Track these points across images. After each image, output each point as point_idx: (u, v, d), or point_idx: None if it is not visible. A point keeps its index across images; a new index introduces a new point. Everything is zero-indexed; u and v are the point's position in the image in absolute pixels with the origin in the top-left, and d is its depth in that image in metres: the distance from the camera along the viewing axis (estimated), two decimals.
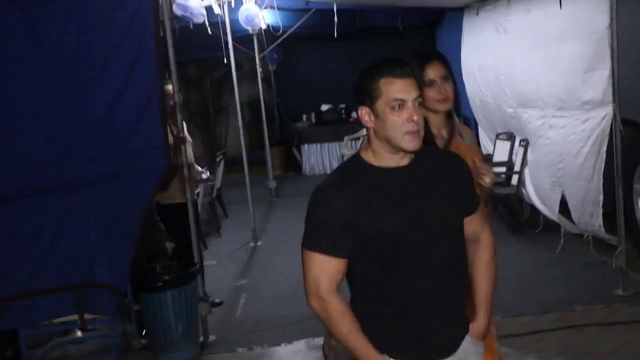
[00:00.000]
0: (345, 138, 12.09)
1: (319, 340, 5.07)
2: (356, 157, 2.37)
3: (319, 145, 12.82)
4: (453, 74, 2.94)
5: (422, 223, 2.26)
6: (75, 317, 4.73)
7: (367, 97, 2.25)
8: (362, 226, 2.20)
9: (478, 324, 2.46)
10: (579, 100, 5.83)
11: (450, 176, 2.39)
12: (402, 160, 2.30)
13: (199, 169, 6.63)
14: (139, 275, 4.93)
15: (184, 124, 5.58)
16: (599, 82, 5.43)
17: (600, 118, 5.49)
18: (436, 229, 2.29)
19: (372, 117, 2.26)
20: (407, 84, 2.21)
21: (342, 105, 13.10)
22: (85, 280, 4.65)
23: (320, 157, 12.84)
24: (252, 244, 8.10)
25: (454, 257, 2.37)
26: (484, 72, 8.20)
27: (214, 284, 6.04)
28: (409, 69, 2.24)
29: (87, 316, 4.75)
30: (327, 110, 13.08)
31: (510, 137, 7.78)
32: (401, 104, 2.20)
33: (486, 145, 8.78)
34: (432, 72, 2.85)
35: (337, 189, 2.26)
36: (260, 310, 5.92)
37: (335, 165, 12.67)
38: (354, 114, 13.10)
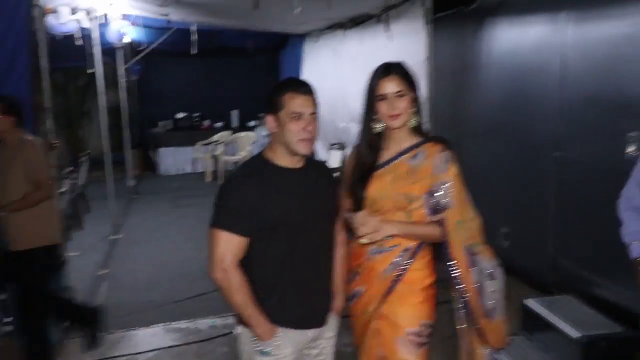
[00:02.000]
0: (198, 143, 12.01)
1: (175, 324, 5.01)
2: (260, 156, 2.46)
3: (173, 148, 12.57)
4: (415, 89, 2.56)
5: (312, 215, 2.40)
6: None
7: (274, 107, 2.35)
8: (265, 212, 2.29)
9: (338, 303, 2.62)
10: None
11: (328, 180, 2.59)
12: (297, 163, 2.44)
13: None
14: None
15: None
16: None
17: None
18: (321, 222, 2.46)
19: (276, 124, 2.36)
20: (306, 100, 2.33)
21: (196, 114, 12.91)
22: None
23: (174, 159, 12.60)
24: (113, 237, 7.77)
25: (330, 247, 2.55)
26: (321, 92, 8.29)
27: (77, 273, 5.73)
28: (310, 88, 2.36)
29: None
30: (182, 118, 12.84)
31: (342, 147, 8.01)
32: (299, 115, 2.31)
33: (321, 153, 8.99)
34: (386, 87, 2.50)
35: (247, 178, 2.35)
36: (120, 297, 5.68)
37: (188, 167, 12.50)
38: (205, 122, 12.98)
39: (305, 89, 2.34)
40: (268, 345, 2.39)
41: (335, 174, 5.15)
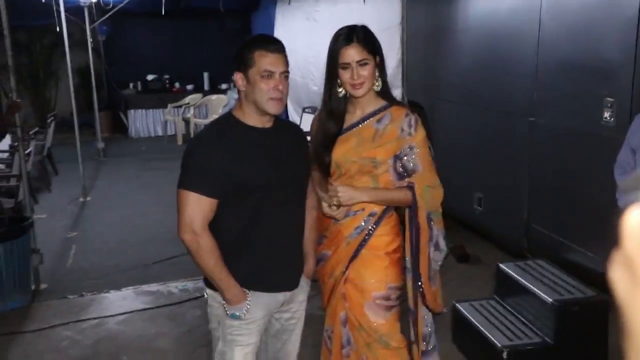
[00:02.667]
0: (169, 105, 11.82)
1: (146, 287, 4.93)
2: (229, 115, 2.41)
3: (144, 111, 12.37)
4: (379, 56, 2.51)
5: (284, 176, 2.37)
6: None
7: (243, 64, 2.28)
8: (236, 172, 2.26)
9: (309, 266, 2.59)
10: None
11: (299, 142, 2.55)
12: (267, 123, 2.38)
13: None
14: None
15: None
16: (389, 69, 5.64)
17: None
18: (291, 184, 2.42)
19: (245, 82, 2.30)
20: (277, 58, 2.27)
21: (167, 76, 12.75)
22: None
23: (145, 122, 12.42)
24: (81, 199, 7.64)
25: (301, 209, 2.52)
26: (294, 55, 8.15)
27: (45, 236, 5.60)
28: (281, 46, 2.30)
29: None
30: (152, 80, 12.65)
31: (315, 111, 7.90)
32: (270, 74, 2.26)
33: (293, 117, 8.88)
34: (348, 55, 2.45)
35: (216, 138, 2.31)
36: (90, 260, 5.59)
37: (159, 129, 12.31)
38: (176, 84, 12.76)
39: (276, 46, 2.29)
40: (238, 309, 2.35)
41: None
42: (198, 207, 2.25)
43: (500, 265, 3.95)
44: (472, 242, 5.46)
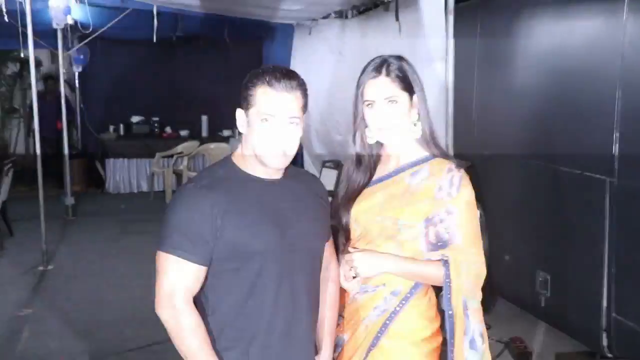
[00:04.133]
0: (157, 155, 11.92)
1: None
2: (227, 161, 2.41)
3: (126, 160, 12.47)
4: (417, 94, 2.52)
5: (292, 242, 2.32)
6: None
7: (244, 101, 2.30)
8: (230, 235, 2.22)
9: (324, 356, 2.54)
10: None
11: (316, 198, 2.51)
12: (275, 174, 2.37)
13: None
14: None
15: None
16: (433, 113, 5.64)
17: None
18: (303, 250, 2.37)
19: (245, 123, 2.32)
20: (284, 99, 2.24)
21: (156, 118, 12.88)
22: None
23: (127, 174, 12.49)
24: (41, 268, 7.61)
25: (315, 284, 2.46)
26: (314, 95, 8.26)
27: None
28: (295, 82, 2.26)
29: None
30: (137, 123, 12.82)
31: (338, 166, 7.91)
32: (271, 118, 2.25)
33: (311, 172, 8.87)
34: (373, 91, 2.48)
35: (207, 190, 2.27)
36: (47, 345, 5.52)
37: (143, 184, 12.37)
38: (167, 129, 12.87)
39: (286, 83, 2.25)
40: None
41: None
42: (180, 275, 2.22)
43: None
44: (534, 334, 5.34)
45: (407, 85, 2.50)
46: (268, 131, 2.25)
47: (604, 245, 4.66)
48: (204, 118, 12.96)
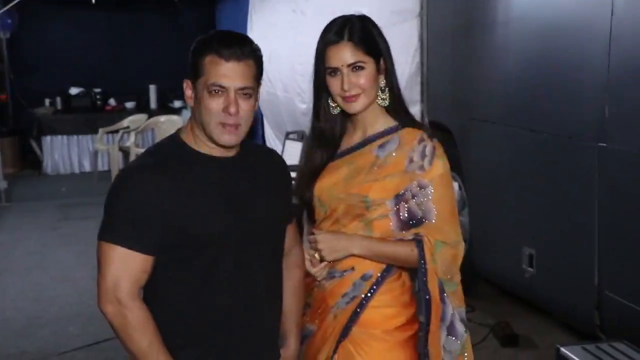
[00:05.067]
0: (100, 130, 11.86)
1: None
2: (175, 138, 2.40)
3: (65, 137, 12.49)
4: (384, 58, 2.54)
5: (249, 226, 2.33)
6: None
7: (191, 70, 2.30)
8: (180, 220, 2.22)
9: (290, 351, 2.57)
10: None
11: (276, 176, 2.51)
12: (228, 151, 2.36)
13: None
14: None
15: None
16: (402, 77, 5.66)
17: None
18: (262, 234, 2.37)
19: (193, 95, 2.32)
20: (235, 67, 2.23)
21: (98, 90, 12.81)
22: None
23: (68, 152, 12.51)
24: None
25: (276, 269, 2.47)
26: (275, 61, 8.28)
27: None
28: (247, 49, 2.26)
29: None
30: (77, 95, 12.73)
31: (303, 137, 7.92)
32: (220, 89, 2.24)
33: (273, 144, 8.89)
34: (336, 57, 2.47)
35: (152, 171, 2.26)
36: None
37: (86, 163, 12.31)
38: (111, 101, 12.78)
39: (236, 50, 2.24)
40: None
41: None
42: (125, 267, 2.21)
43: (562, 349, 3.90)
44: (520, 317, 5.44)
45: (374, 49, 2.51)
46: (217, 104, 2.24)
47: (594, 217, 4.70)
48: (152, 88, 12.90)
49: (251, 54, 2.27)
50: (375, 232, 2.51)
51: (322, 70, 2.53)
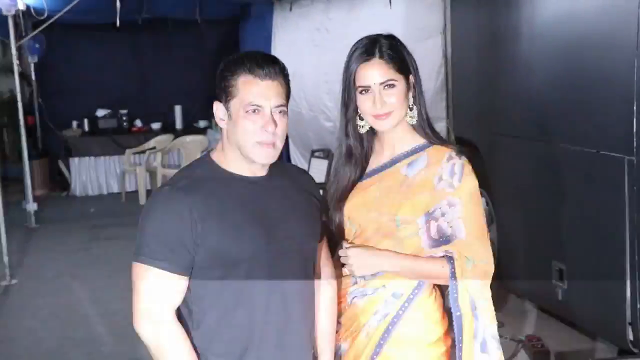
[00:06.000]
0: (127, 151, 11.87)
1: None
2: (206, 159, 2.43)
3: (93, 159, 12.46)
4: (413, 75, 2.56)
5: (281, 245, 2.34)
6: None
7: (223, 93, 2.32)
8: (213, 240, 2.24)
9: None
10: None
11: (305, 195, 2.52)
12: (259, 171, 2.39)
13: None
14: None
15: None
16: (427, 94, 5.66)
17: None
18: (294, 253, 2.39)
19: (225, 117, 2.34)
20: (269, 87, 2.28)
21: (124, 111, 12.80)
22: None
23: (95, 174, 12.47)
24: (3, 283, 7.60)
25: (309, 287, 2.48)
26: (299, 78, 8.29)
27: None
28: (277, 68, 2.30)
29: None
30: (104, 117, 12.74)
31: (329, 155, 7.93)
32: (257, 109, 2.27)
33: (299, 162, 8.89)
34: (367, 75, 2.48)
35: (185, 192, 2.28)
36: None
37: (113, 183, 12.35)
38: (137, 122, 12.83)
39: (269, 69, 2.29)
40: None
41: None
42: (159, 287, 2.24)
43: None
44: (552, 332, 5.37)
45: (404, 66, 2.52)
46: (254, 124, 2.26)
47: (624, 230, 4.66)
48: (177, 108, 12.92)
49: (281, 73, 2.31)
50: (406, 250, 2.51)
51: (352, 89, 2.54)
